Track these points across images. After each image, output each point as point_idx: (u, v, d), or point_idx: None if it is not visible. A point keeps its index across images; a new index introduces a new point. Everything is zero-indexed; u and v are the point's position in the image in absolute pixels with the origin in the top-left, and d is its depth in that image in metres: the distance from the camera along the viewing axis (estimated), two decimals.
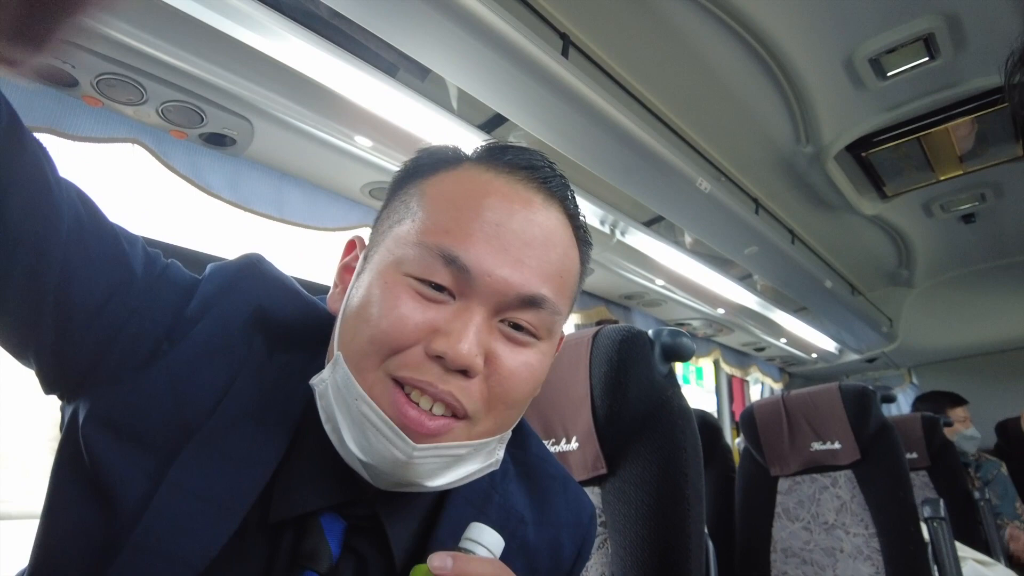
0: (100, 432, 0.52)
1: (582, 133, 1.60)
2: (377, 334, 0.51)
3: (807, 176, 2.63)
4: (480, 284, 0.52)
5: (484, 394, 0.53)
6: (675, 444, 0.97)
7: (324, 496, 0.56)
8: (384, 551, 0.59)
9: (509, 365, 0.54)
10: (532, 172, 0.58)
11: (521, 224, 0.54)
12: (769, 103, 2.17)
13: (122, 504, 0.51)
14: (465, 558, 0.51)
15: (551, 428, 1.07)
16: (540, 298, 0.54)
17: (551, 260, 0.56)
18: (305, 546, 0.55)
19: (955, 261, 3.72)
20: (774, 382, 4.61)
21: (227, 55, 1.19)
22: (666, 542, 0.94)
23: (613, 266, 2.53)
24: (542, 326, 0.56)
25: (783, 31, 1.85)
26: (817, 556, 1.92)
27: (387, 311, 0.52)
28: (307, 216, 1.72)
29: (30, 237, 0.47)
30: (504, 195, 0.55)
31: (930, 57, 1.93)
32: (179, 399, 0.54)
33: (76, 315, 0.51)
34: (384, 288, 0.53)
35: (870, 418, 1.89)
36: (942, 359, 4.80)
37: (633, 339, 1.02)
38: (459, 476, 0.56)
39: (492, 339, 0.53)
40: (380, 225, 0.60)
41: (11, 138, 0.45)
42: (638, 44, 1.87)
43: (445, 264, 0.52)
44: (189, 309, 0.57)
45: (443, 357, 0.50)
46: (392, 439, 0.51)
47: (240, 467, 0.54)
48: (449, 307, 0.53)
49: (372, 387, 0.52)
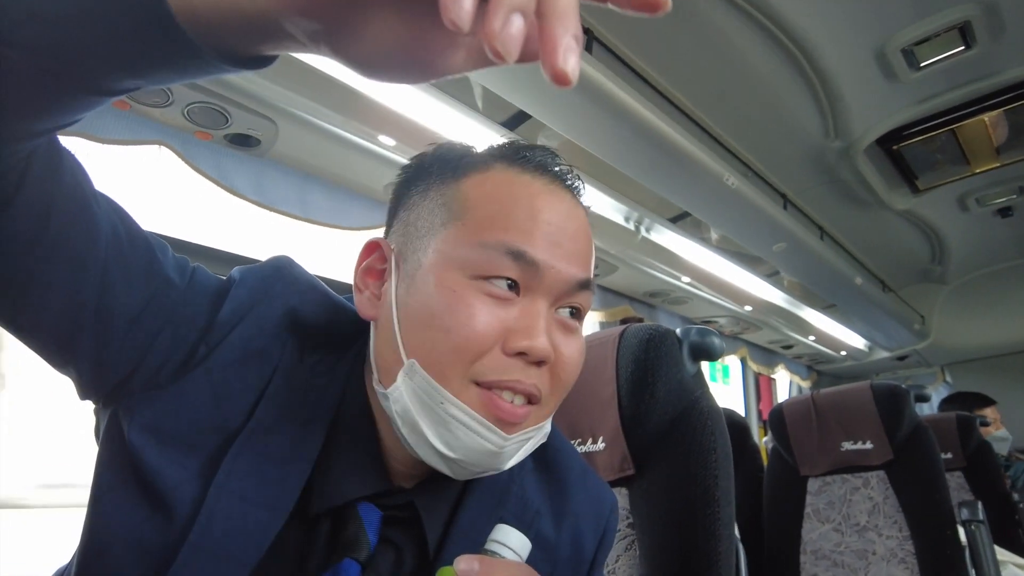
0: (147, 439, 0.54)
1: (606, 129, 1.58)
2: (460, 343, 0.53)
3: (836, 171, 2.58)
4: (547, 276, 0.56)
5: (549, 380, 0.57)
6: (704, 446, 0.95)
7: (362, 486, 0.59)
8: (417, 541, 0.61)
9: (568, 352, 0.58)
10: (558, 172, 0.61)
11: (564, 220, 0.58)
12: (797, 97, 2.13)
13: (177, 509, 0.53)
14: (491, 562, 0.51)
15: (577, 428, 1.06)
16: (588, 281, 0.60)
17: (588, 249, 0.61)
18: (345, 535, 0.57)
19: (991, 256, 3.62)
20: (802, 380, 4.54)
21: None
22: (695, 545, 0.92)
23: (637, 263, 2.50)
24: (586, 305, 0.61)
25: (812, 23, 1.81)
26: (848, 559, 1.88)
27: (465, 320, 0.54)
28: (331, 216, 1.73)
29: (71, 252, 0.48)
30: (546, 195, 0.58)
31: (966, 46, 1.88)
32: (219, 402, 0.56)
33: (115, 325, 0.53)
34: (453, 296, 0.54)
35: (903, 418, 1.84)
36: (976, 357, 4.67)
37: (661, 338, 1.00)
38: (524, 453, 0.60)
39: (552, 330, 0.57)
40: (409, 227, 0.61)
41: (53, 155, 0.46)
42: (662, 38, 1.84)
43: (513, 260, 0.54)
44: (222, 313, 0.58)
45: (526, 353, 0.54)
46: (485, 434, 0.54)
47: (281, 466, 0.56)
48: (516, 304, 0.56)
49: (459, 393, 0.54)
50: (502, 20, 0.29)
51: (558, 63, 0.29)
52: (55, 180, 0.46)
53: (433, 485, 0.62)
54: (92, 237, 0.49)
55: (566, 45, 0.30)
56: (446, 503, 0.64)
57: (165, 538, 0.52)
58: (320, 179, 1.71)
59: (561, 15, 0.30)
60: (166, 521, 0.53)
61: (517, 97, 1.39)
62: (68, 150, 0.48)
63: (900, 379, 4.76)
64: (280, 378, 0.59)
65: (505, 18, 0.29)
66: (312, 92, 1.33)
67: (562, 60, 0.29)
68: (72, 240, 0.48)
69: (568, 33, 0.30)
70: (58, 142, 0.46)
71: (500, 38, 0.29)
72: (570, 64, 0.30)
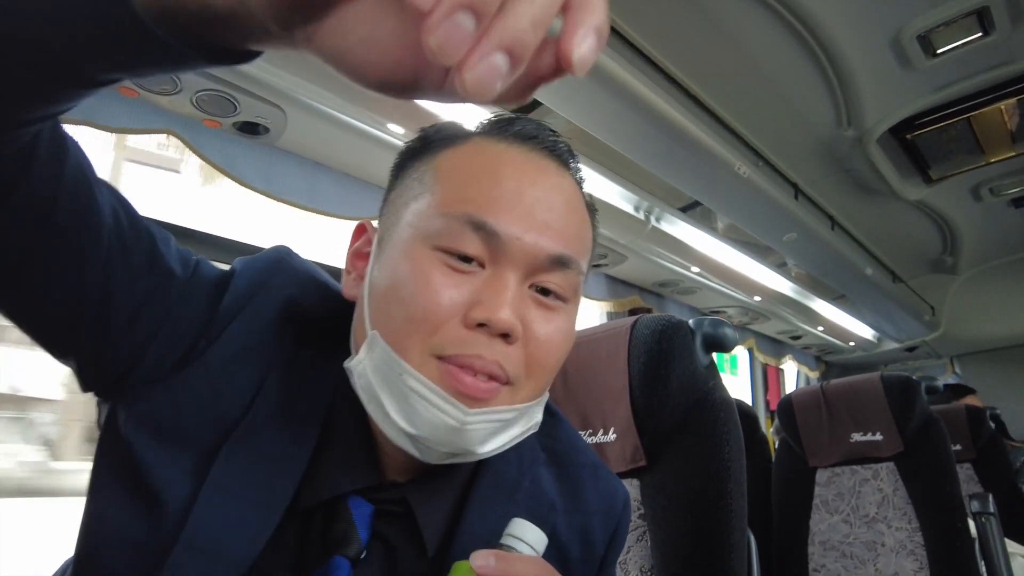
0: (142, 434, 0.53)
1: (617, 117, 1.56)
2: (415, 312, 0.51)
3: (848, 160, 2.55)
4: (511, 248, 0.52)
5: (523, 360, 0.54)
6: (717, 437, 0.95)
7: (352, 480, 0.57)
8: (414, 539, 0.58)
9: (545, 330, 0.55)
10: (540, 141, 0.58)
11: (541, 190, 0.55)
12: (810, 85, 2.10)
13: (168, 506, 0.51)
14: (508, 556, 0.50)
15: (588, 419, 1.06)
16: (567, 258, 0.55)
17: (571, 223, 0.57)
18: (334, 532, 0.56)
19: (1004, 247, 3.58)
20: (809, 371, 4.52)
21: None
22: (707, 536, 0.92)
23: (647, 253, 2.49)
24: (569, 287, 0.57)
25: (826, 9, 1.77)
26: (857, 550, 1.88)
27: (420, 288, 0.51)
28: (339, 205, 1.72)
29: (74, 241, 0.48)
30: (520, 163, 0.56)
31: (984, 33, 1.84)
32: (216, 397, 0.55)
33: (116, 318, 0.52)
34: (412, 264, 0.53)
35: (914, 409, 1.83)
36: (987, 348, 4.63)
37: (674, 329, 1.00)
38: (506, 440, 0.57)
39: (525, 306, 0.54)
40: (390, 205, 0.60)
41: (57, 142, 0.45)
42: (674, 26, 1.82)
43: (474, 230, 0.52)
44: (222, 306, 0.57)
45: (485, 324, 0.51)
46: (444, 407, 0.51)
47: (276, 464, 0.55)
48: (480, 276, 0.53)
49: (420, 366, 0.52)
50: (479, 56, 0.25)
51: (569, 48, 0.27)
52: (60, 167, 0.45)
53: (430, 479, 0.60)
54: (95, 227, 0.49)
55: (584, 33, 0.27)
56: (446, 498, 0.61)
57: (157, 536, 0.51)
58: (328, 167, 1.70)
59: (586, 5, 0.28)
60: (158, 519, 0.51)
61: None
62: (73, 138, 0.47)
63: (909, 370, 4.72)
64: (277, 372, 0.58)
65: (483, 54, 0.26)
66: (321, 79, 1.32)
67: (575, 46, 0.27)
68: (76, 229, 0.47)
69: (589, 23, 0.28)
70: (62, 129, 0.45)
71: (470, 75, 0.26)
72: (581, 50, 0.28)
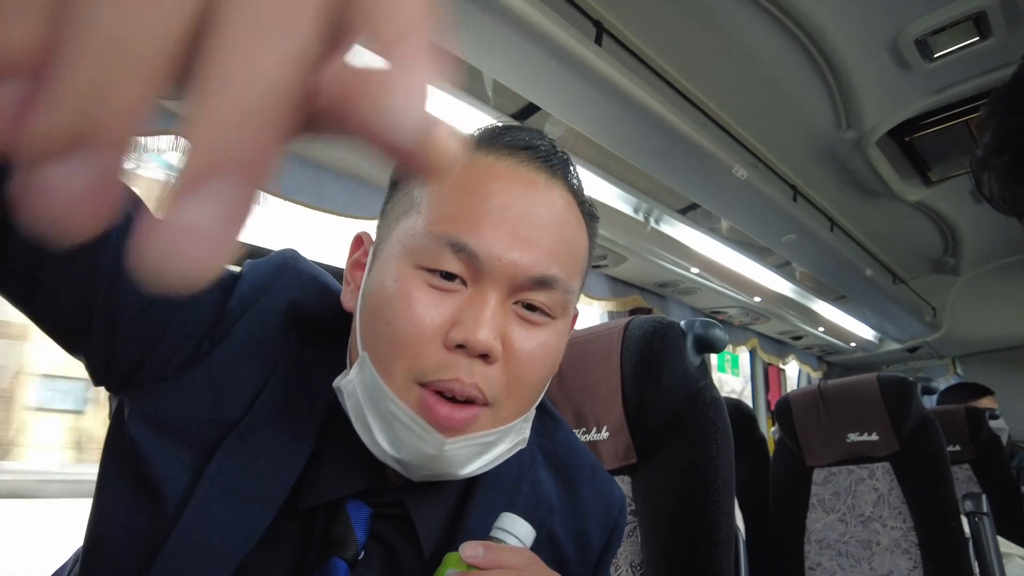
0: (145, 428, 0.54)
1: (616, 120, 1.58)
2: (398, 335, 0.51)
3: (847, 162, 2.56)
4: (491, 269, 0.52)
5: (503, 379, 0.53)
6: (706, 436, 0.97)
7: (351, 483, 0.57)
8: (412, 540, 0.59)
9: (526, 347, 0.54)
10: (532, 152, 0.57)
11: (526, 206, 0.54)
12: (808, 87, 2.12)
13: (168, 499, 0.52)
14: (497, 547, 0.52)
15: (583, 417, 1.08)
16: (551, 278, 0.54)
17: (559, 239, 0.56)
18: (333, 533, 0.56)
19: (1005, 248, 3.58)
20: (812, 371, 4.53)
21: None
22: (695, 532, 0.94)
23: (647, 254, 2.50)
24: (556, 305, 0.56)
25: (825, 13, 1.79)
26: (853, 548, 1.90)
27: (403, 310, 0.52)
28: (345, 206, 1.74)
29: (84, 244, 0.48)
30: (507, 178, 0.55)
31: (981, 37, 1.85)
32: (219, 397, 0.56)
33: (125, 316, 0.53)
34: (397, 284, 0.53)
35: (910, 410, 1.84)
36: (988, 349, 4.63)
37: (665, 330, 1.02)
38: (489, 460, 0.57)
39: (508, 323, 0.54)
40: (386, 218, 0.60)
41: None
42: (672, 29, 1.84)
43: (454, 252, 0.52)
44: (228, 307, 0.58)
45: (464, 345, 0.51)
46: (422, 435, 0.51)
47: (273, 461, 0.55)
48: (462, 295, 0.53)
49: (401, 392, 0.52)
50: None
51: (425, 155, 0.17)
52: None
53: (429, 484, 0.59)
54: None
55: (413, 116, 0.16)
56: (445, 501, 0.62)
57: (157, 529, 0.52)
58: (334, 168, 1.72)
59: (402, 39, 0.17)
60: (158, 512, 0.52)
61: (524, 88, 1.40)
62: None
63: (911, 371, 4.73)
64: (280, 373, 0.58)
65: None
66: None
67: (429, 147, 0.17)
68: None
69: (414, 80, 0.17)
70: None
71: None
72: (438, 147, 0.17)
